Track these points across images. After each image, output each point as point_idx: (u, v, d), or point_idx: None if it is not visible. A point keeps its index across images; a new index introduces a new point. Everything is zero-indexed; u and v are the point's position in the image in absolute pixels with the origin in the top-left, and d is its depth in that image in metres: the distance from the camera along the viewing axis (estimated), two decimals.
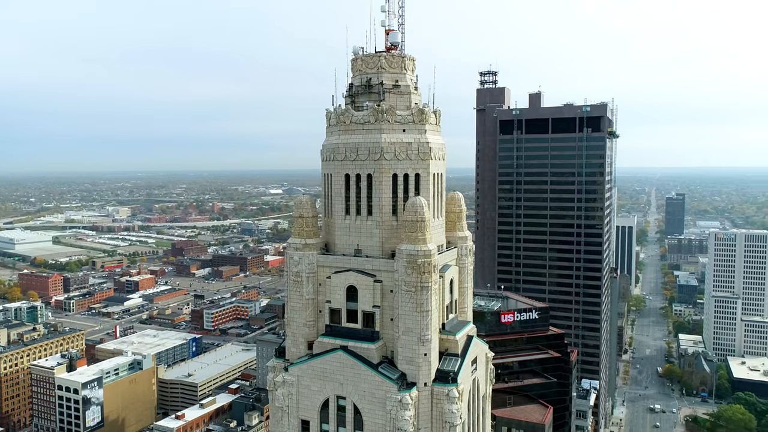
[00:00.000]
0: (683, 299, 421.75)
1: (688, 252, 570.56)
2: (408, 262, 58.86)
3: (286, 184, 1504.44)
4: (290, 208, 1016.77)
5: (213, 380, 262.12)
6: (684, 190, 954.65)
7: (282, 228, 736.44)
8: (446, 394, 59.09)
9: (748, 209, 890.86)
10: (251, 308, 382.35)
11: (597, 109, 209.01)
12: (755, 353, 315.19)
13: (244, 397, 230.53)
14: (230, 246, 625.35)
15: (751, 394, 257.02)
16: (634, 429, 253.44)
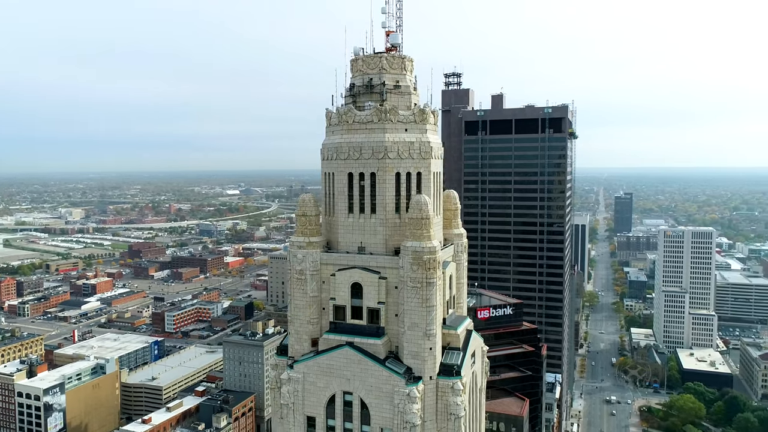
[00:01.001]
0: (633, 294, 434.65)
1: (637, 249, 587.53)
2: (414, 258, 59.59)
3: (243, 184, 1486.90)
4: (248, 209, 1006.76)
5: (178, 383, 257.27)
6: (630, 189, 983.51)
7: (241, 229, 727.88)
8: (451, 386, 60.08)
9: (690, 207, 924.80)
10: (213, 310, 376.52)
11: (558, 111, 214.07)
12: (702, 345, 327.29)
13: (212, 399, 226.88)
14: (189, 247, 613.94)
15: (700, 384, 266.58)
16: (592, 420, 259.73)
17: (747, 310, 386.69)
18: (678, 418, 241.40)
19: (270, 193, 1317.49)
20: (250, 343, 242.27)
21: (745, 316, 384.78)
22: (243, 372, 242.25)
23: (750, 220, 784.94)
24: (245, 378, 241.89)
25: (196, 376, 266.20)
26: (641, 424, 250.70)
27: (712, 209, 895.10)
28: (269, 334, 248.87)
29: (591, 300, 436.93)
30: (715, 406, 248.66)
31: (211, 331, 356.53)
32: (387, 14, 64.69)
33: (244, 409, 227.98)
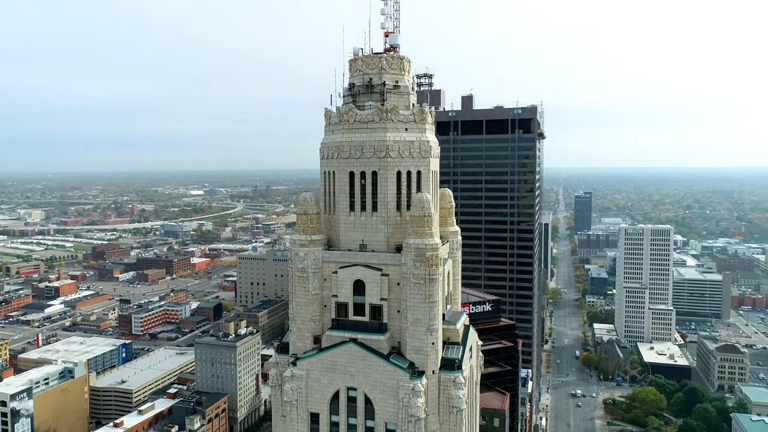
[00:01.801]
0: (595, 291, 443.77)
1: (597, 247, 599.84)
2: (416, 255, 60.17)
3: (207, 184, 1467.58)
4: (214, 209, 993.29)
5: (148, 386, 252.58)
6: (589, 189, 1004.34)
7: (207, 229, 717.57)
8: (453, 380, 60.88)
9: (646, 206, 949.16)
10: (181, 311, 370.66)
11: (527, 112, 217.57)
12: (661, 338, 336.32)
13: (185, 401, 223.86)
14: (154, 249, 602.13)
15: (660, 376, 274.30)
16: (559, 414, 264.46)
17: (702, 305, 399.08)
18: (640, 409, 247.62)
19: (235, 194, 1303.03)
20: (222, 344, 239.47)
21: (700, 310, 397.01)
22: (215, 373, 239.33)
23: (702, 218, 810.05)
24: (218, 379, 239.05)
25: (167, 379, 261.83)
26: (606, 417, 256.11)
27: (666, 208, 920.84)
28: (241, 335, 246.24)
29: (554, 297, 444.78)
30: (675, 397, 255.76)
31: (179, 332, 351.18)
32: (386, 15, 65.23)
33: (218, 410, 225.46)
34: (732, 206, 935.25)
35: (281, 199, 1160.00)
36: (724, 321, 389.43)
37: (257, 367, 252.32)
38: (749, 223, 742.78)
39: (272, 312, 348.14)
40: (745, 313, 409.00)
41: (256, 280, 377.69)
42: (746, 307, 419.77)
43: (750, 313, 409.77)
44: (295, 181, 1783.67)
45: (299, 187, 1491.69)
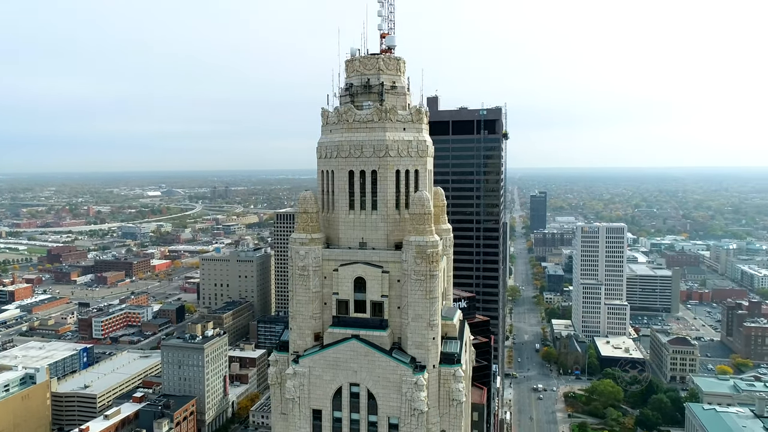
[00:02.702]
0: (552, 288, 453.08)
1: (552, 245, 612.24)
2: (417, 252, 60.80)
3: (164, 185, 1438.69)
4: (172, 210, 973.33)
5: (113, 390, 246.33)
6: (542, 189, 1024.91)
7: (166, 231, 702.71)
8: (452, 374, 61.76)
9: (597, 205, 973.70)
10: (143, 314, 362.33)
11: (492, 113, 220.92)
12: (616, 333, 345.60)
13: (152, 405, 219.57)
14: (112, 251, 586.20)
15: (617, 369, 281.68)
16: (521, 408, 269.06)
17: (653, 300, 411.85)
18: (599, 401, 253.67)
19: (193, 195, 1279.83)
20: (189, 346, 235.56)
21: (651, 305, 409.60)
22: (183, 376, 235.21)
23: (650, 216, 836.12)
24: (185, 382, 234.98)
25: (132, 383, 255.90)
26: (567, 410, 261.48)
27: (616, 207, 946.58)
28: (209, 337, 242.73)
29: (513, 294, 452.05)
30: (631, 389, 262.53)
31: (141, 336, 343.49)
32: (382, 17, 65.69)
33: (186, 413, 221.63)
34: (677, 205, 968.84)
35: (240, 200, 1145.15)
36: (673, 315, 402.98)
37: (224, 369, 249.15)
38: (694, 221, 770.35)
39: (237, 313, 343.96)
40: (693, 307, 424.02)
41: (220, 281, 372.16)
42: (694, 302, 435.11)
43: (697, 307, 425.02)
44: (254, 182, 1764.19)
45: (258, 188, 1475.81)
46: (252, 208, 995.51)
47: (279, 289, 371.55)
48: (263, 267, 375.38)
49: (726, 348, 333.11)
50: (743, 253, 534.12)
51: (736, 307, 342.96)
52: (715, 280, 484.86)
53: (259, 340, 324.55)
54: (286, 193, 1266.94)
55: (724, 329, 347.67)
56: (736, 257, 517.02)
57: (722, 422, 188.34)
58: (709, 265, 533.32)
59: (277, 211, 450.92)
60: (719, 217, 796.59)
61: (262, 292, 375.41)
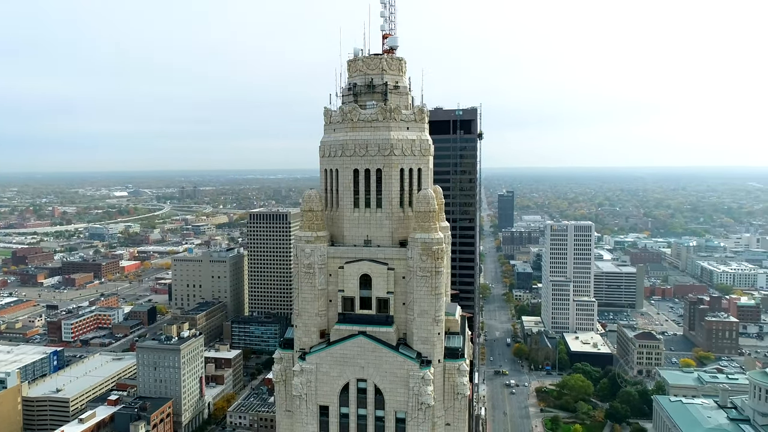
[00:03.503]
0: (521, 285, 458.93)
1: (520, 243, 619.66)
2: (423, 249, 61.41)
3: (131, 185, 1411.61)
4: (140, 211, 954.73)
5: (86, 394, 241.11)
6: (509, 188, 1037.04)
7: (134, 231, 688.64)
8: (457, 368, 62.62)
9: (562, 204, 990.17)
10: (114, 316, 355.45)
11: (468, 113, 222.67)
12: (585, 329, 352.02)
13: (127, 408, 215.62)
14: (79, 252, 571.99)
15: (586, 364, 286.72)
16: (495, 403, 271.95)
17: (618, 296, 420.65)
18: (570, 396, 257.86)
19: (160, 195, 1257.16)
20: (165, 347, 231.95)
21: (617, 301, 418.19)
22: (158, 377, 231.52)
23: (613, 214, 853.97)
24: (161, 383, 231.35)
25: (105, 385, 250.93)
26: (539, 404, 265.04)
27: (580, 205, 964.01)
28: (185, 338, 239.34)
29: (483, 292, 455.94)
30: (600, 383, 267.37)
31: (112, 338, 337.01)
32: (384, 18, 66.09)
33: (163, 415, 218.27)
34: (638, 203, 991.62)
35: (209, 200, 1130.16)
36: (638, 310, 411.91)
37: (201, 370, 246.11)
38: (655, 219, 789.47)
39: (210, 314, 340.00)
40: (656, 303, 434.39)
41: (192, 282, 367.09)
42: (657, 297, 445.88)
43: (660, 302, 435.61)
44: (222, 182, 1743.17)
45: (226, 188, 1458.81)
46: (221, 208, 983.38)
47: (252, 290, 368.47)
48: (236, 267, 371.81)
49: (688, 342, 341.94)
50: (702, 250, 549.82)
51: (697, 302, 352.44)
52: (677, 276, 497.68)
53: (234, 341, 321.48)
54: (255, 193, 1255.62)
55: (687, 324, 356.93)
56: (695, 254, 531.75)
57: (688, 413, 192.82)
58: (671, 262, 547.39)
59: (249, 210, 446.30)
60: (678, 216, 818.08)
61: (236, 292, 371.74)
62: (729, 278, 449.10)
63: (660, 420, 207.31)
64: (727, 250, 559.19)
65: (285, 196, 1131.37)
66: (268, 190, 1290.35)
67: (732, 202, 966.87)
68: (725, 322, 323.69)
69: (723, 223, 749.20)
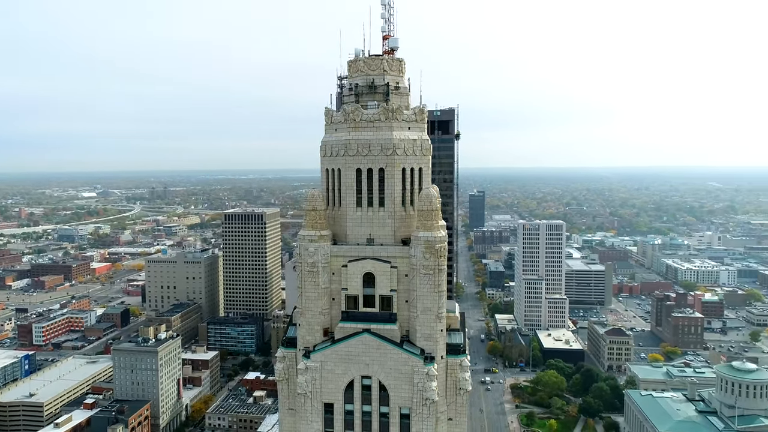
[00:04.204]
0: (493, 284, 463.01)
1: (491, 242, 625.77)
2: (426, 247, 61.98)
3: (100, 186, 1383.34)
4: (110, 212, 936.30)
5: (60, 398, 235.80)
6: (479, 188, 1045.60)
7: (104, 233, 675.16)
8: (459, 364, 63.37)
9: (531, 204, 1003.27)
10: (86, 319, 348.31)
11: (446, 114, 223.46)
12: (557, 326, 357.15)
13: (104, 411, 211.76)
14: (48, 254, 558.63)
15: (559, 360, 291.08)
16: (471, 400, 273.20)
17: (588, 293, 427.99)
18: (544, 392, 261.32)
19: (130, 195, 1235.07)
20: (142, 349, 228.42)
21: (586, 298, 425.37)
22: (135, 380, 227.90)
23: (580, 214, 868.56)
24: (138, 386, 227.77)
25: (80, 389, 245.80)
26: (514, 401, 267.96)
27: (548, 205, 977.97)
28: (162, 339, 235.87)
29: (457, 290, 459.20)
30: (573, 378, 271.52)
31: (85, 341, 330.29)
32: (385, 19, 66.50)
33: (140, 418, 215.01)
34: (604, 203, 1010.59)
35: (180, 201, 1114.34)
36: (607, 307, 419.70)
37: (178, 372, 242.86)
38: (621, 218, 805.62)
39: (185, 315, 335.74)
40: (624, 300, 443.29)
41: (166, 283, 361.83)
42: (624, 294, 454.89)
43: (628, 299, 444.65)
44: (193, 182, 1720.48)
45: (197, 188, 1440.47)
46: (193, 209, 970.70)
47: (227, 291, 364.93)
48: (211, 268, 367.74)
49: (656, 337, 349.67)
50: (667, 248, 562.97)
51: (664, 298, 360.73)
52: (643, 273, 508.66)
53: (210, 342, 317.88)
54: (227, 193, 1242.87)
55: (654, 320, 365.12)
56: (661, 252, 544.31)
57: (658, 406, 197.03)
58: (637, 260, 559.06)
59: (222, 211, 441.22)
60: (643, 215, 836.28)
61: (211, 293, 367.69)
62: (693, 275, 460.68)
63: (631, 414, 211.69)
64: (691, 248, 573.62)
65: (257, 196, 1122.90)
66: (240, 191, 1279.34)
67: (694, 201, 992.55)
68: (691, 317, 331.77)
69: (686, 222, 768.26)
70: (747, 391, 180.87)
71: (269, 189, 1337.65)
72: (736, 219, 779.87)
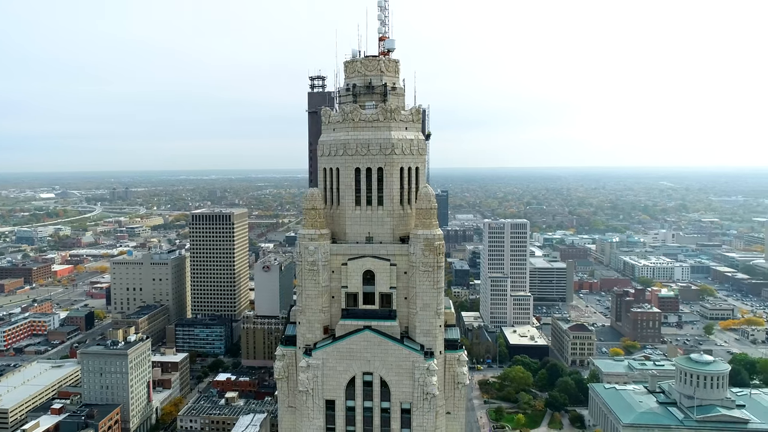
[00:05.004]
0: (459, 282, 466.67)
1: (455, 241, 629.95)
2: (425, 245, 62.52)
3: (59, 187, 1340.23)
4: (69, 213, 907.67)
5: (25, 403, 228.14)
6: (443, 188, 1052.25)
7: (65, 234, 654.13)
8: (457, 358, 64.18)
9: (492, 203, 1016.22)
10: (49, 322, 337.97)
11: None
12: (522, 322, 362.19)
13: (73, 416, 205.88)
14: (6, 256, 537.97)
15: (525, 356, 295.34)
16: None
17: (550, 290, 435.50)
18: (512, 387, 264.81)
19: (90, 196, 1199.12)
20: (112, 352, 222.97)
21: (549, 295, 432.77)
22: (105, 383, 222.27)
23: (540, 213, 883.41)
24: (107, 390, 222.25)
25: (46, 394, 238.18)
26: (482, 396, 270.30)
27: (509, 204, 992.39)
28: (132, 342, 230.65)
29: None
30: (539, 373, 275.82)
31: (49, 345, 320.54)
32: (381, 22, 66.80)
33: (111, 422, 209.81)
34: (563, 202, 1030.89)
35: (142, 201, 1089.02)
36: (568, 303, 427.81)
37: (148, 375, 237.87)
38: (579, 217, 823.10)
39: (152, 317, 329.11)
40: (585, 296, 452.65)
41: (132, 285, 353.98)
42: (585, 291, 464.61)
43: (588, 295, 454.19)
44: (154, 182, 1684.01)
45: (159, 189, 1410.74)
46: (155, 210, 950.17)
47: (195, 292, 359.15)
48: (178, 269, 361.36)
49: (616, 332, 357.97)
50: (624, 246, 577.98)
51: (623, 294, 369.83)
52: (602, 270, 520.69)
53: (178, 344, 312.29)
54: (190, 193, 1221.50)
55: (614, 315, 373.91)
56: (618, 249, 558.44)
57: (621, 399, 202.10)
58: (596, 257, 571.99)
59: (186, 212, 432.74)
60: (600, 213, 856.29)
61: (178, 295, 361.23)
62: (649, 271, 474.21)
63: (596, 406, 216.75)
64: (646, 245, 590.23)
65: (221, 197, 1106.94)
66: (203, 191, 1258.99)
67: (647, 200, 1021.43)
68: (649, 312, 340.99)
69: (641, 220, 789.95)
70: (705, 382, 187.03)
71: (233, 189, 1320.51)
72: (687, 217, 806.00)
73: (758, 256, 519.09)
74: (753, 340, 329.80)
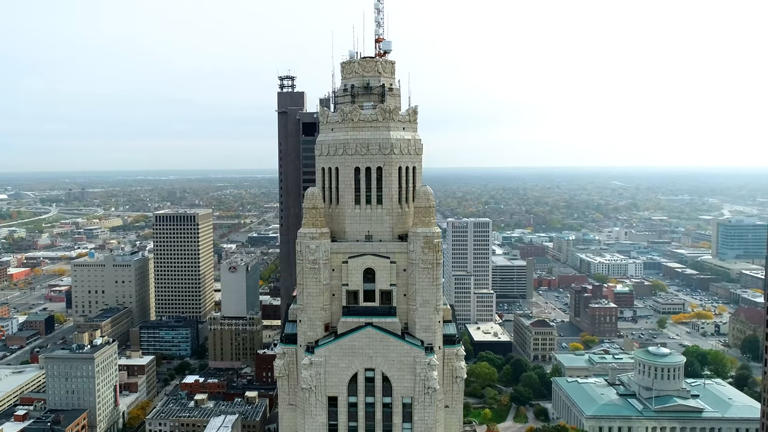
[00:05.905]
0: None
1: None
2: (425, 243, 63.17)
3: (11, 188, 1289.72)
4: (24, 215, 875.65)
5: None
6: None
7: (20, 236, 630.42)
8: (455, 353, 65.08)
9: (452, 203, 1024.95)
10: (6, 327, 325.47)
11: None
12: (485, 319, 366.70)
13: (39, 422, 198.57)
14: None
15: (490, 352, 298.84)
16: None
17: (511, 288, 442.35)
18: (477, 383, 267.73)
19: (45, 197, 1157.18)
20: (78, 356, 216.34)
21: (510, 292, 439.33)
22: (70, 388, 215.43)
23: (498, 212, 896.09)
24: (73, 394, 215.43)
25: (7, 401, 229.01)
26: None
27: (468, 204, 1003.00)
28: (98, 345, 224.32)
29: None
30: (503, 369, 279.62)
31: (7, 350, 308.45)
32: (377, 23, 67.16)
33: (77, 427, 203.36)
34: (520, 201, 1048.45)
35: (99, 202, 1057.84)
36: (528, 300, 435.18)
37: (115, 378, 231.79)
38: (536, 216, 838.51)
39: (116, 320, 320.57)
40: (544, 293, 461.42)
41: (94, 287, 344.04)
42: (544, 288, 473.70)
43: (547, 292, 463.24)
44: (111, 183, 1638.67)
45: (117, 189, 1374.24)
46: (114, 211, 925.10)
47: (159, 294, 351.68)
48: (142, 271, 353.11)
49: (575, 327, 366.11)
50: (580, 243, 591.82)
51: (581, 291, 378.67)
52: (560, 267, 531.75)
53: (143, 347, 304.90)
54: (148, 194, 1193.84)
55: (573, 311, 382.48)
56: (575, 247, 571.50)
57: (584, 392, 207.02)
58: (553, 255, 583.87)
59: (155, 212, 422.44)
60: (556, 212, 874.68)
61: (141, 297, 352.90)
62: (604, 268, 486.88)
63: (559, 399, 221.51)
64: (601, 243, 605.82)
65: (180, 197, 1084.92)
66: (162, 192, 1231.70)
67: (600, 200, 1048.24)
68: (606, 308, 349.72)
69: (594, 219, 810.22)
70: (662, 373, 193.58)
71: (192, 190, 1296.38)
72: (638, 215, 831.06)
73: (705, 253, 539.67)
74: (703, 333, 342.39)
